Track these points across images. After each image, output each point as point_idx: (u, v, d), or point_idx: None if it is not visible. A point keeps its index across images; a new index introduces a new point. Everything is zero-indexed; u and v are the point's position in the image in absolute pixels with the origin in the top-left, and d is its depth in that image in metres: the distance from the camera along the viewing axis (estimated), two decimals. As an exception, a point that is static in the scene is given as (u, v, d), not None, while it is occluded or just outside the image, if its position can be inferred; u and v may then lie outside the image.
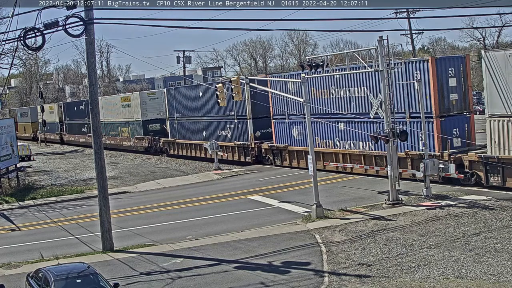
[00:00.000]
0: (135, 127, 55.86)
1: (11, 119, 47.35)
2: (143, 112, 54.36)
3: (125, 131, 58.44)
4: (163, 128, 52.95)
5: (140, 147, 54.91)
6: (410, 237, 19.72)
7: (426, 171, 25.04)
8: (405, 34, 59.55)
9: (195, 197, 30.88)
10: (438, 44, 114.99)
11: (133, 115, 55.86)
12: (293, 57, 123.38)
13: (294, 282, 16.32)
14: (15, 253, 21.75)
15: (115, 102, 60.47)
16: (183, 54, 75.09)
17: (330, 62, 28.03)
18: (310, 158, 24.10)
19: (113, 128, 60.86)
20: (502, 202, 23.31)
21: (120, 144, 59.30)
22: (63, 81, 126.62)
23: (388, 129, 24.69)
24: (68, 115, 74.62)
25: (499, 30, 73.33)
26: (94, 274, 14.81)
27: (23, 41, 19.64)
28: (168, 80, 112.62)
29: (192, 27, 23.38)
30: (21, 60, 54.96)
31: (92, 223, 25.04)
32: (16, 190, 37.19)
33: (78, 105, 71.00)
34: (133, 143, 55.82)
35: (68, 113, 74.49)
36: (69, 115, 74.06)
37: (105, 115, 62.00)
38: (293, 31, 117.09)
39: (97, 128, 21.57)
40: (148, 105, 54.52)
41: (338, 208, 24.63)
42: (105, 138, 60.97)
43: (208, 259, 19.12)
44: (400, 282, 15.64)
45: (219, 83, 33.15)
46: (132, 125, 56.40)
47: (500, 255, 17.06)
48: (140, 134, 54.82)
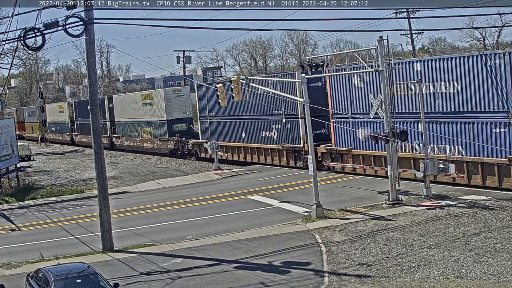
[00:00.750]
0: (158, 128, 51.57)
1: (11, 119, 47.31)
2: (167, 111, 49.75)
3: (146, 131, 54.18)
4: (190, 128, 50.01)
5: (165, 149, 50.75)
6: (410, 237, 19.72)
7: (426, 171, 25.04)
8: (405, 34, 59.55)
9: (195, 197, 30.88)
10: (438, 44, 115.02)
11: (156, 114, 51.54)
12: (293, 57, 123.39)
13: (294, 282, 16.32)
14: (15, 253, 21.75)
15: (135, 100, 56.32)
16: (183, 54, 75.10)
17: (330, 62, 28.05)
18: (310, 158, 24.11)
19: (132, 128, 56.90)
20: (502, 202, 23.31)
21: (141, 146, 55.12)
22: (63, 81, 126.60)
23: (388, 129, 24.71)
24: (79, 114, 68.95)
25: (499, 30, 73.23)
26: (94, 274, 14.81)
27: (23, 41, 19.63)
28: (168, 80, 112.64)
29: (192, 27, 23.41)
30: (21, 60, 54.74)
31: (92, 223, 25.03)
32: (16, 190, 37.19)
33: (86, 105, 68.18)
34: (156, 145, 51.84)
35: (80, 112, 68.42)
36: (81, 115, 68.00)
37: (122, 114, 58.65)
38: (293, 31, 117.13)
39: (97, 128, 21.65)
40: (173, 103, 49.99)
41: (338, 208, 24.63)
42: (123, 139, 58.84)
43: (208, 259, 19.12)
44: (400, 282, 15.64)
45: (274, 76, 30.67)
46: (155, 125, 52.03)
47: (500, 255, 17.05)
48: (164, 135, 50.52)
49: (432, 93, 27.92)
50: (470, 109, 26.36)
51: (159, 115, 51.23)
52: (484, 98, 25.61)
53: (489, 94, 25.39)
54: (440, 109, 27.68)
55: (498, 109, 25.11)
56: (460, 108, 26.81)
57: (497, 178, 25.36)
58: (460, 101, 26.72)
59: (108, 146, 59.11)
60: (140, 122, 55.09)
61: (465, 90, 26.40)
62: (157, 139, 51.55)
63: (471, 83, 26.11)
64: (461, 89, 26.56)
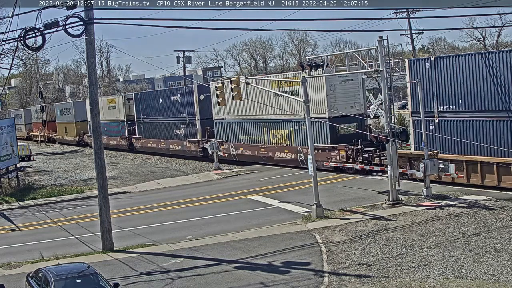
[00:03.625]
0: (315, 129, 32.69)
1: (11, 119, 47.26)
2: (330, 103, 32.95)
3: (281, 135, 36.61)
4: (364, 129, 32.77)
5: (329, 166, 32.93)
6: (410, 237, 19.72)
7: (426, 171, 25.05)
8: (405, 34, 59.59)
9: (195, 197, 30.87)
10: (438, 44, 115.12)
11: (300, 108, 32.20)
12: (293, 57, 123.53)
13: (294, 282, 16.32)
14: (15, 253, 21.74)
15: (267, 87, 35.85)
16: (183, 54, 75.06)
17: (330, 62, 28.03)
18: (310, 158, 24.11)
19: (250, 129, 39.08)
20: (502, 202, 23.31)
21: (268, 156, 37.22)
22: (63, 81, 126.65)
23: (388, 129, 24.71)
24: (144, 110, 53.18)
25: (499, 30, 73.27)
26: (94, 274, 14.81)
27: (23, 41, 19.63)
28: (168, 80, 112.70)
29: (192, 27, 23.38)
30: (21, 60, 54.65)
31: (92, 223, 25.03)
32: (16, 190, 37.19)
33: (165, 96, 49.90)
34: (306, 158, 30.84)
35: (145, 107, 52.93)
36: (147, 111, 52.58)
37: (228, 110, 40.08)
38: (293, 31, 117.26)
39: (97, 128, 21.63)
40: (338, 92, 33.12)
41: (338, 208, 24.63)
42: (230, 146, 41.33)
43: (208, 259, 19.12)
44: (400, 282, 15.64)
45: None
46: (301, 124, 34.39)
47: (500, 255, 17.05)
48: (323, 141, 33.22)
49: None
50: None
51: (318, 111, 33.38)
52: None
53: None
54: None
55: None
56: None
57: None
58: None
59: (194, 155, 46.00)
60: (267, 120, 37.81)
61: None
62: (302, 148, 34.65)
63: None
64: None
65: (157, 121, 51.33)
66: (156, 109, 51.06)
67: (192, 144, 46.10)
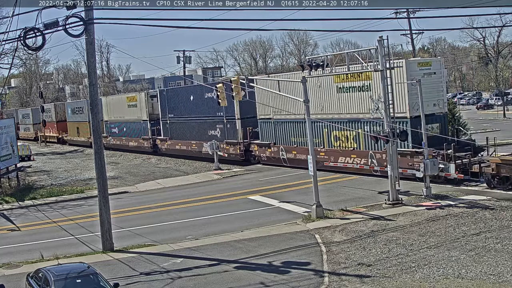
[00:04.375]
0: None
1: (11, 119, 47.17)
2: (411, 99, 28.13)
3: (346, 137, 32.08)
4: (449, 130, 29.72)
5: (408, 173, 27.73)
6: (410, 237, 19.72)
7: (426, 171, 25.04)
8: (405, 34, 59.59)
9: (195, 197, 30.87)
10: (438, 44, 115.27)
11: (371, 106, 28.78)
12: (293, 57, 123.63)
13: (294, 282, 16.32)
14: (15, 253, 21.74)
15: (327, 82, 32.53)
16: (183, 54, 75.01)
17: (330, 62, 27.99)
18: (310, 158, 24.09)
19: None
20: (502, 202, 23.31)
21: (329, 161, 32.65)
22: (63, 81, 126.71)
23: (388, 129, 24.70)
24: (171, 109, 48.08)
25: (499, 30, 73.40)
26: (94, 274, 14.80)
27: (23, 41, 19.62)
28: (168, 80, 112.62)
29: (192, 27, 23.37)
30: (21, 60, 54.75)
31: (92, 223, 25.02)
32: (16, 190, 37.18)
33: (197, 93, 44.68)
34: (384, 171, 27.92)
35: (172, 106, 47.93)
36: (174, 109, 47.63)
37: (277, 109, 35.54)
38: (293, 31, 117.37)
39: (97, 128, 21.66)
40: (423, 87, 26.75)
41: (338, 208, 24.63)
42: (280, 149, 36.69)
43: (208, 259, 19.11)
44: (400, 282, 15.64)
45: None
46: (372, 125, 29.86)
47: (500, 255, 17.05)
48: (403, 145, 27.59)
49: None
50: None
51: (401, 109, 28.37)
52: None
53: None
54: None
55: None
56: None
57: None
58: None
59: (233, 160, 41.67)
60: (337, 119, 32.22)
61: None
62: (374, 153, 29.88)
63: None
64: None
65: (187, 121, 46.25)
66: (186, 107, 46.23)
67: (231, 147, 41.36)
